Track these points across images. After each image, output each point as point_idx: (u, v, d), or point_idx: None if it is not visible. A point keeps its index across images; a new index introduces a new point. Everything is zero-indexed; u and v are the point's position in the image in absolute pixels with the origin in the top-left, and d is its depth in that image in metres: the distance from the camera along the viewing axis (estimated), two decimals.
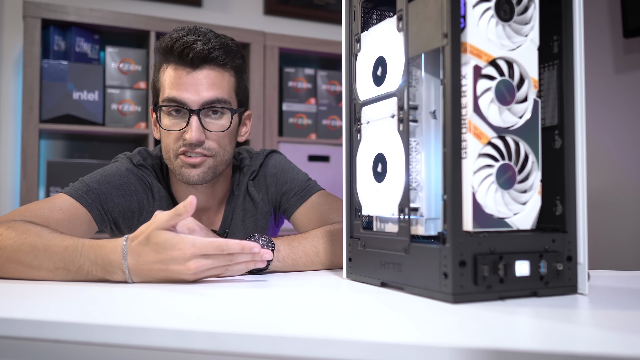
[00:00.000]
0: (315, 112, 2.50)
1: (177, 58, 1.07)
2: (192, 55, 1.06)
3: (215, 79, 1.09)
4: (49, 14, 2.07)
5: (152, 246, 0.80)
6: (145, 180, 1.16)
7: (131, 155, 1.19)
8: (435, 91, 0.75)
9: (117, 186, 1.12)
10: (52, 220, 0.98)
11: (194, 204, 0.81)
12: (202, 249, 0.80)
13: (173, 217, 0.81)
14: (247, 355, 0.52)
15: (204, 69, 1.08)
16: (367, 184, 0.82)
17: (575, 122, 0.73)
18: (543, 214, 0.73)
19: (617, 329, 0.54)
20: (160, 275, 0.82)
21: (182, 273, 0.81)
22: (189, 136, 1.08)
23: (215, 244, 0.81)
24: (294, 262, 0.98)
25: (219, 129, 1.11)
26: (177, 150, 1.10)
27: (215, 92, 1.09)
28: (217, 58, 1.09)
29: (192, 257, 0.80)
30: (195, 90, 1.08)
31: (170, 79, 1.09)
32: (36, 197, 2.03)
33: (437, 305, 0.65)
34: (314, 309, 0.66)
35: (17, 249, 0.85)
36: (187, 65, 1.08)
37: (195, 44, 1.06)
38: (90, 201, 1.06)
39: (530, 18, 0.71)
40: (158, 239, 0.80)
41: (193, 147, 1.09)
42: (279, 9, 2.66)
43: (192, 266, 0.80)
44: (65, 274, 0.84)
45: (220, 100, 1.10)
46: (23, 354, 0.60)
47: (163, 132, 1.12)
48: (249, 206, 1.23)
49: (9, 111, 2.26)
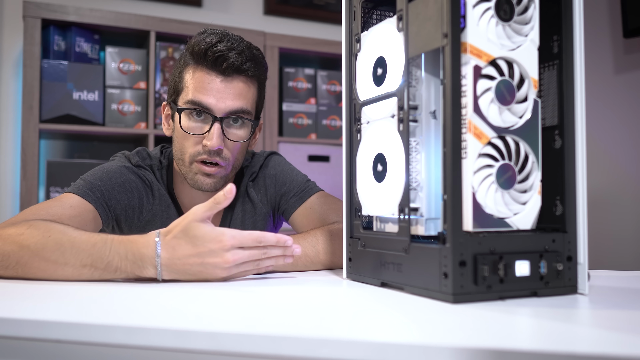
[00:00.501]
0: (315, 112, 2.50)
1: (210, 64, 1.07)
2: (226, 66, 1.07)
3: (242, 90, 1.10)
4: (49, 14, 2.07)
5: (189, 239, 0.80)
6: (144, 179, 1.16)
7: (129, 155, 1.19)
8: (435, 91, 0.75)
9: (119, 183, 1.12)
10: (65, 217, 0.97)
11: (233, 191, 0.81)
12: (242, 241, 0.81)
13: (212, 206, 0.81)
14: (247, 355, 0.52)
15: (234, 80, 1.09)
16: (367, 184, 0.82)
17: (575, 122, 0.73)
18: (543, 214, 0.73)
19: (617, 329, 0.54)
20: (194, 270, 0.81)
21: (218, 266, 0.80)
22: (210, 143, 1.07)
23: (253, 235, 0.82)
24: (294, 262, 0.98)
25: (238, 139, 1.12)
26: (195, 156, 1.10)
27: (241, 102, 1.10)
28: (248, 70, 1.10)
29: (231, 248, 0.80)
30: (222, 98, 1.08)
31: (197, 83, 1.09)
32: (36, 197, 2.03)
33: (437, 305, 0.65)
34: (314, 309, 0.66)
35: (42, 246, 0.82)
36: (218, 73, 1.08)
37: (229, 52, 1.07)
38: (96, 197, 1.06)
39: (530, 18, 0.71)
40: (196, 231, 0.80)
41: (212, 154, 1.09)
42: (279, 9, 2.66)
43: (230, 258, 0.80)
44: (92, 272, 0.82)
45: (245, 110, 1.11)
46: (23, 354, 0.60)
47: (180, 134, 1.11)
48: (248, 207, 1.23)
49: (9, 111, 2.26)
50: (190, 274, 0.82)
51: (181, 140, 1.12)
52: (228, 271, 0.82)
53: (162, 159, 1.21)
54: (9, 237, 0.85)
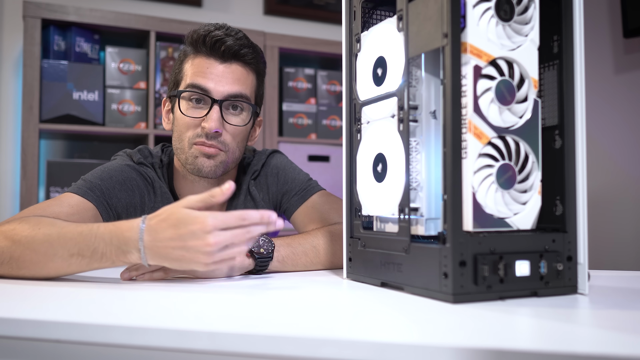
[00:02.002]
0: (315, 112, 2.50)
1: (208, 49, 1.10)
2: (224, 49, 1.09)
3: (241, 75, 1.12)
4: (49, 14, 2.07)
5: (170, 221, 0.78)
6: (146, 176, 1.16)
7: (131, 153, 1.19)
8: (435, 91, 0.75)
9: (119, 181, 1.12)
10: (63, 215, 0.97)
11: (232, 189, 0.80)
12: (225, 221, 0.77)
13: (206, 198, 0.80)
14: (247, 355, 0.52)
15: (232, 64, 1.12)
16: (367, 184, 0.82)
17: (575, 122, 0.73)
18: (543, 214, 0.73)
19: (617, 329, 0.54)
20: (176, 254, 0.78)
21: (200, 249, 0.76)
22: (208, 125, 1.08)
23: (236, 214, 0.78)
24: (294, 262, 0.98)
25: (237, 123, 1.12)
26: (193, 139, 1.11)
27: (239, 87, 1.11)
28: (245, 55, 1.12)
29: (213, 229, 0.76)
30: (221, 81, 1.10)
31: (196, 68, 1.11)
32: (36, 197, 2.03)
33: (437, 305, 0.65)
34: (314, 309, 0.66)
35: (31, 238, 0.83)
36: (217, 57, 1.11)
37: (227, 37, 1.10)
38: (96, 197, 1.06)
39: (530, 18, 0.71)
40: (178, 214, 0.78)
41: (210, 137, 1.09)
42: (279, 9, 2.66)
43: (211, 240, 0.76)
44: (80, 260, 0.81)
45: (244, 95, 1.12)
46: (23, 354, 0.60)
47: (179, 119, 1.12)
48: (250, 206, 1.23)
49: (9, 111, 2.26)
50: (172, 258, 0.78)
51: (180, 127, 1.13)
52: (211, 257, 0.77)
53: (162, 157, 1.21)
54: (2, 234, 0.86)
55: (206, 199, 0.80)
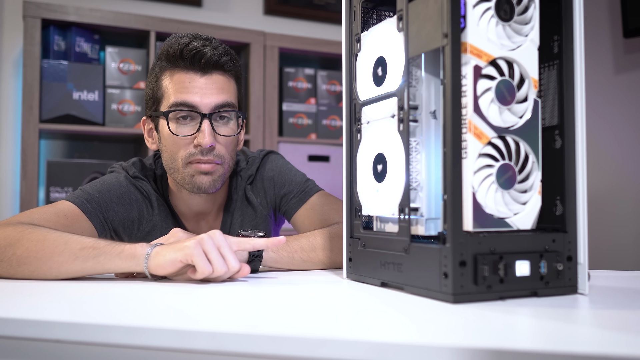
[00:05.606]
0: (315, 112, 2.50)
1: (188, 63, 1.07)
2: (205, 61, 1.07)
3: (223, 84, 1.10)
4: (49, 14, 2.07)
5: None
6: (143, 190, 1.16)
7: (126, 167, 1.18)
8: (435, 91, 0.75)
9: (117, 195, 1.11)
10: (59, 225, 0.98)
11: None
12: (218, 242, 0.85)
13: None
14: (247, 355, 0.52)
15: (213, 74, 1.09)
16: (367, 184, 0.82)
17: (575, 122, 0.73)
18: (543, 214, 0.73)
19: (617, 329, 0.54)
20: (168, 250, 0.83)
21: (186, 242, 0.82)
22: (202, 141, 1.06)
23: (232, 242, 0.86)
24: (290, 254, 0.97)
25: (228, 133, 1.11)
26: (188, 158, 1.09)
27: (224, 96, 1.09)
28: (225, 63, 1.10)
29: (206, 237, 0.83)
30: (206, 94, 1.07)
31: (177, 84, 1.08)
32: (36, 197, 2.03)
33: (437, 305, 0.65)
34: (314, 309, 0.66)
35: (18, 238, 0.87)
36: (197, 70, 1.08)
37: (205, 49, 1.07)
38: (92, 209, 1.06)
39: (530, 18, 0.71)
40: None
41: (205, 152, 1.08)
42: (279, 9, 2.66)
43: (196, 240, 0.82)
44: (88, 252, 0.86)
45: (230, 104, 1.11)
46: (23, 354, 0.60)
47: (169, 141, 1.10)
48: (248, 211, 1.23)
49: (9, 111, 2.26)
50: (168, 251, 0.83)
51: (171, 148, 1.10)
52: (196, 245, 0.82)
53: (156, 170, 1.20)
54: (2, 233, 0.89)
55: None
